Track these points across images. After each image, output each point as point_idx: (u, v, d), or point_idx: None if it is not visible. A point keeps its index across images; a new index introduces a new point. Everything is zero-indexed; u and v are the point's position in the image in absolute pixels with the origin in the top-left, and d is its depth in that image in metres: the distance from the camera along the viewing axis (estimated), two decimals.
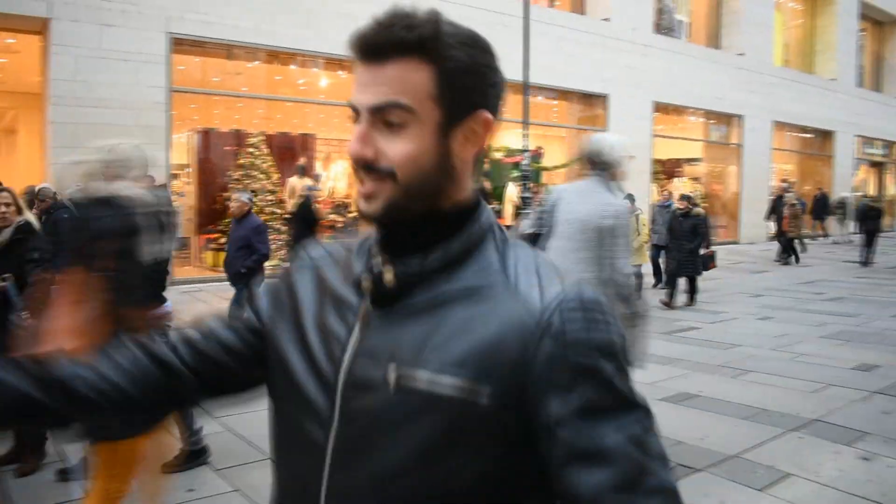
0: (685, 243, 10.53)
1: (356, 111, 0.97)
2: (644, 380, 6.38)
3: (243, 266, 7.00)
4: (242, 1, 12.62)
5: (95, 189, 3.23)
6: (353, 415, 0.98)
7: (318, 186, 14.80)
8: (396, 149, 0.95)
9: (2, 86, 18.39)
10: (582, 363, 0.89)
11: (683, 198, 11.17)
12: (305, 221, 12.57)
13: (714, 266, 11.36)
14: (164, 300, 3.87)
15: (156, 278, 3.57)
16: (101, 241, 3.00)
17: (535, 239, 4.14)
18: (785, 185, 19.70)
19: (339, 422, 0.99)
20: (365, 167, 0.96)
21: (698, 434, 5.11)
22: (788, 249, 17.23)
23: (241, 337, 1.15)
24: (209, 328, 1.17)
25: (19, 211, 4.56)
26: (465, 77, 0.97)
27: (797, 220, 17.32)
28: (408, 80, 0.94)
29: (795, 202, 17.77)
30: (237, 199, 7.31)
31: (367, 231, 1.10)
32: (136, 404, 1.12)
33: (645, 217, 10.97)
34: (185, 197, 14.46)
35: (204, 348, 1.14)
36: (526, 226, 4.50)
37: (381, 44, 0.94)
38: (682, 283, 10.83)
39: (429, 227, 1.00)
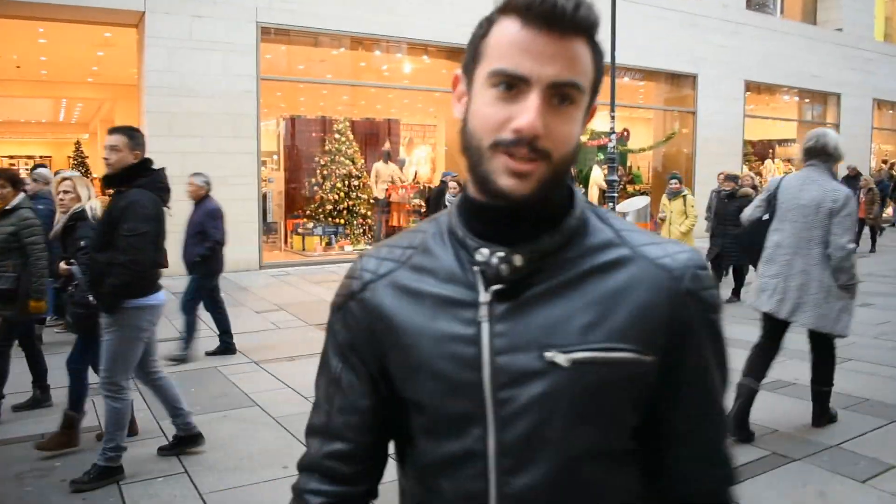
0: (731, 228, 9.15)
1: (519, 80, 0.90)
2: (738, 366, 6.22)
3: (197, 254, 6.70)
4: None
5: None
6: (512, 412, 0.94)
7: (455, 173, 14.84)
8: (564, 129, 0.92)
9: (100, 78, 19.21)
10: (712, 319, 1.01)
11: (729, 178, 10.14)
12: (441, 208, 12.79)
13: None
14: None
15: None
16: None
17: (761, 224, 4.79)
18: (884, 167, 18.19)
19: (497, 424, 0.95)
20: (529, 144, 0.90)
21: (797, 423, 4.93)
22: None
23: (372, 405, 1.07)
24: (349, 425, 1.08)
25: (78, 198, 4.72)
26: (602, 66, 0.99)
27: (873, 206, 15.23)
28: (583, 61, 0.93)
29: (873, 186, 15.83)
30: (193, 182, 6.98)
31: (425, 223, 1.08)
32: None
33: (694, 199, 10.06)
34: (273, 183, 14.79)
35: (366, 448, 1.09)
36: (751, 212, 4.96)
37: (569, 17, 0.89)
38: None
39: (547, 209, 0.98)
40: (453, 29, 13.57)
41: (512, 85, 0.90)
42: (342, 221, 14.35)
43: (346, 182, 14.36)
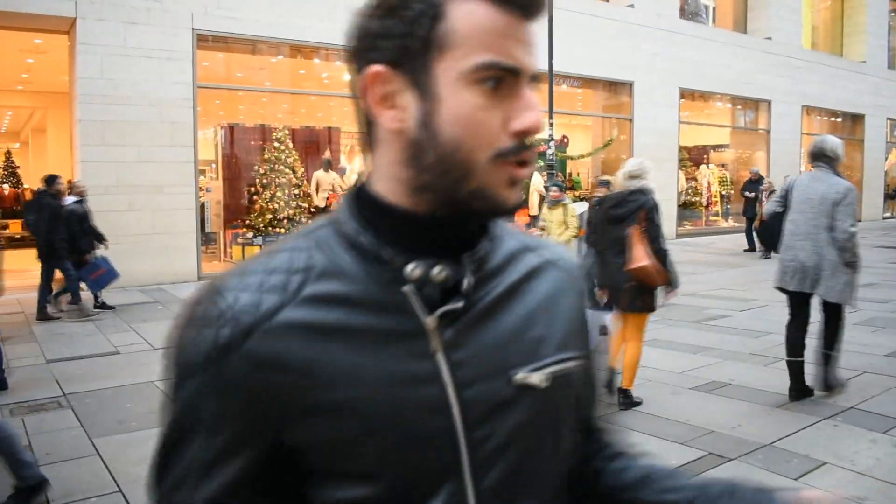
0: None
1: (510, 73, 0.77)
2: (674, 368, 6.37)
3: None
4: None
5: None
6: (490, 453, 0.80)
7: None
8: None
9: (30, 85, 18.69)
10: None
11: (602, 183, 9.28)
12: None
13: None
14: None
15: None
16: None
17: (778, 216, 5.72)
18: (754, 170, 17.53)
19: (473, 472, 0.79)
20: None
21: (731, 423, 5.05)
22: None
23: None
24: None
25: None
26: None
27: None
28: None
29: (776, 189, 15.34)
30: None
31: (294, 238, 0.84)
32: None
33: (574, 209, 9.63)
34: (211, 192, 14.57)
35: None
36: (772, 207, 5.90)
37: (539, 1, 0.79)
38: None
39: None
40: None
41: (501, 79, 0.76)
42: (283, 231, 14.21)
43: (287, 191, 14.23)
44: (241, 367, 0.76)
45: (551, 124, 12.67)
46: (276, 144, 14.41)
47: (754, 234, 15.14)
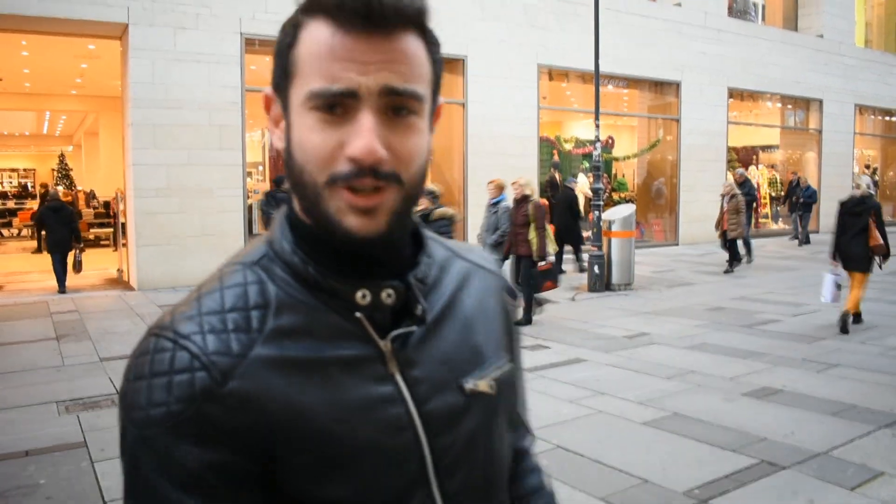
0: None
1: (343, 97, 0.75)
2: (725, 374, 6.26)
3: None
4: None
5: None
6: (451, 461, 0.84)
7: (575, 179, 14.81)
8: (408, 145, 0.77)
9: (83, 90, 19.13)
10: (514, 307, 1.05)
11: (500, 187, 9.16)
12: (571, 211, 12.82)
13: (551, 286, 8.93)
14: None
15: None
16: None
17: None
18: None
19: (438, 480, 0.83)
20: (372, 171, 0.75)
21: (784, 430, 4.95)
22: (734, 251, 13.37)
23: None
24: None
25: None
26: (441, 59, 0.83)
27: (738, 215, 12.94)
28: (417, 59, 0.78)
29: (737, 192, 13.28)
30: None
31: (231, 273, 0.83)
32: None
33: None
34: (259, 194, 14.73)
35: None
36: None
37: (391, 9, 0.74)
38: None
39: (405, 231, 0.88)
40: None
41: (335, 104, 0.75)
42: None
43: None
44: (224, 411, 0.74)
45: (597, 125, 12.55)
46: None
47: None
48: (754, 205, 17.47)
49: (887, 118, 25.19)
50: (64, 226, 11.60)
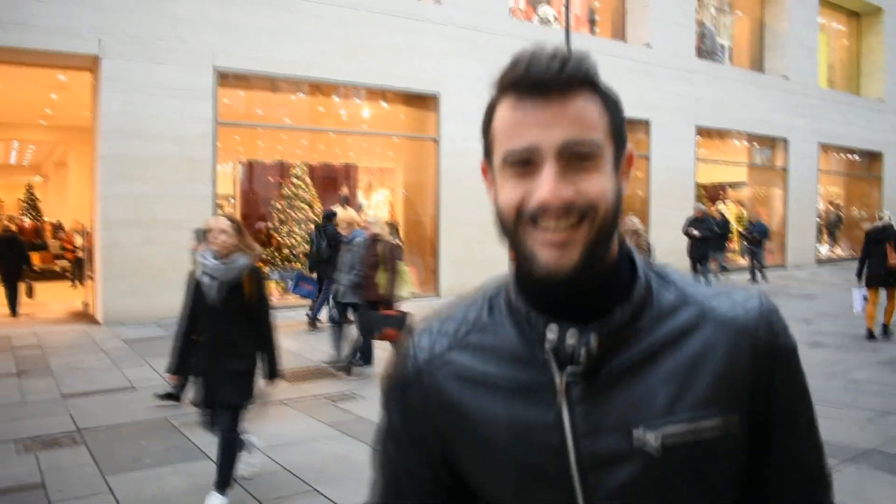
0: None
1: (529, 154, 0.89)
2: None
3: None
4: (286, 35, 12.82)
5: None
6: (602, 498, 0.91)
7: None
8: (594, 185, 0.89)
9: (53, 120, 19.00)
10: (793, 363, 0.98)
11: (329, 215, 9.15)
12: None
13: (393, 335, 7.45)
14: None
15: None
16: None
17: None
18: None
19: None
20: (565, 211, 0.87)
21: None
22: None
23: (432, 490, 1.03)
24: None
25: None
26: (620, 111, 0.96)
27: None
28: (591, 115, 0.90)
29: (639, 227, 12.84)
30: None
31: (474, 293, 1.05)
32: None
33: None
34: None
35: None
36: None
37: (559, 78, 0.89)
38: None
39: (610, 277, 0.95)
40: (411, 75, 13.78)
41: (526, 161, 0.89)
42: (300, 266, 14.26)
43: (304, 227, 14.31)
44: (417, 395, 1.00)
45: None
46: (294, 180, 14.52)
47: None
48: (724, 241, 17.74)
49: (850, 156, 25.77)
50: (16, 256, 12.96)
